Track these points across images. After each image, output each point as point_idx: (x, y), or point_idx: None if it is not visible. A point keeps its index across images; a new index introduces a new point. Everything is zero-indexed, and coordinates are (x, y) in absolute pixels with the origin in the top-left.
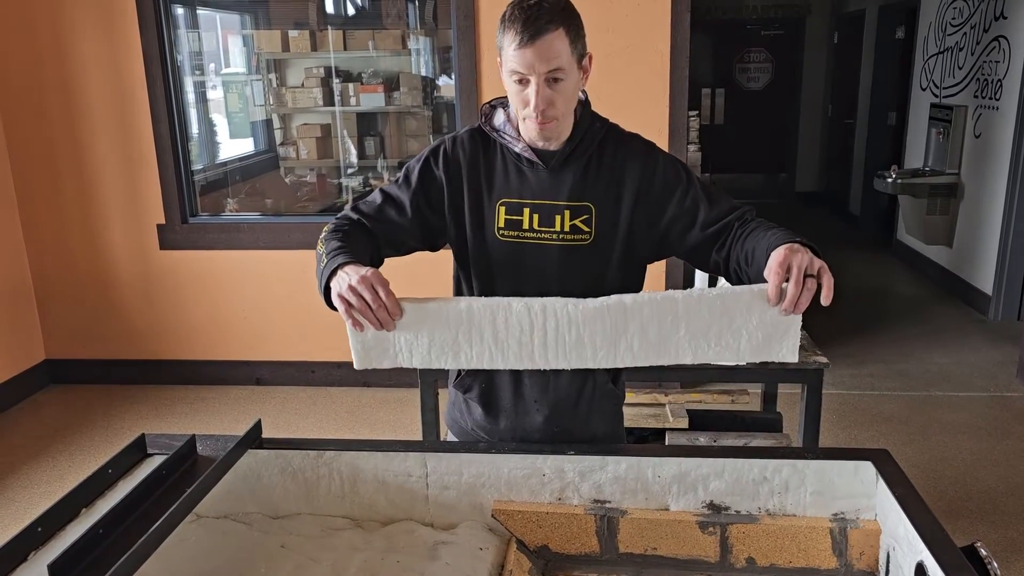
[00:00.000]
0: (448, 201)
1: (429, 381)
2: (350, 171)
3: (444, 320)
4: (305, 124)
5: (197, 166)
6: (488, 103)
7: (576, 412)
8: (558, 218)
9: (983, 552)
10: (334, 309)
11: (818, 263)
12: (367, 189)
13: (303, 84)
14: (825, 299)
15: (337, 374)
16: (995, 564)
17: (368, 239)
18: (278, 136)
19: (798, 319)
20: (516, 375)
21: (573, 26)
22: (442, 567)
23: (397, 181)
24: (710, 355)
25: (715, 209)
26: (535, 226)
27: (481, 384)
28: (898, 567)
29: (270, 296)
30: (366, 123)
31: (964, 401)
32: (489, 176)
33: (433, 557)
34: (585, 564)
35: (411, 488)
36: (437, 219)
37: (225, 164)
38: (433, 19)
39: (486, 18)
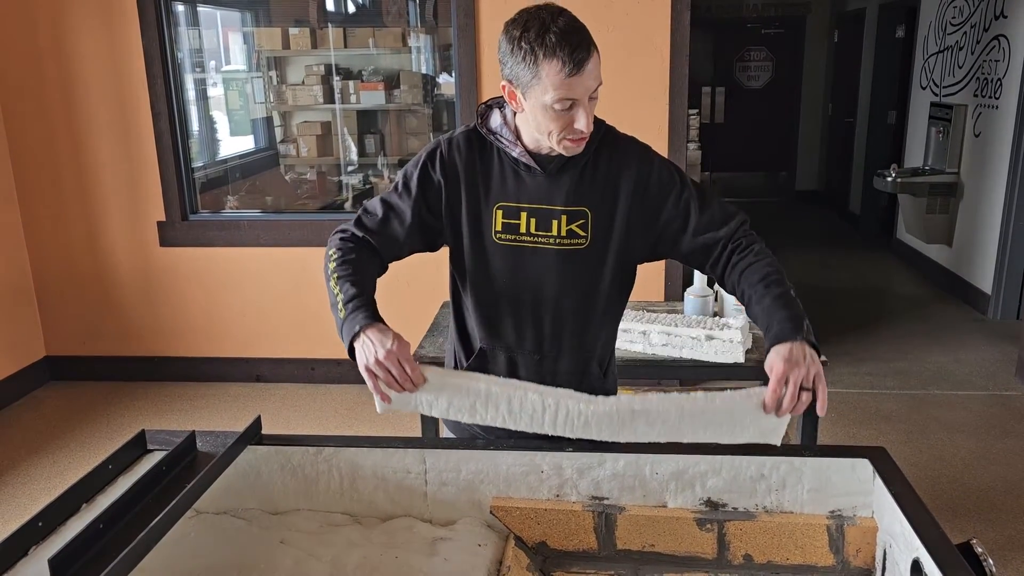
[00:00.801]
0: (445, 204)
1: None
2: (350, 169)
3: (463, 391)
4: (305, 122)
5: (197, 163)
6: (484, 103)
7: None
8: (555, 223)
9: (979, 549)
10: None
11: (814, 371)
12: (367, 187)
13: (303, 82)
14: (820, 410)
15: (337, 371)
16: (991, 561)
17: (373, 260)
18: (278, 134)
19: (787, 419)
20: (514, 375)
21: (592, 38)
22: (441, 563)
23: (397, 189)
24: (706, 439)
25: (706, 214)
26: (532, 230)
27: None
28: (894, 564)
29: (270, 293)
30: (366, 121)
31: (963, 400)
32: (486, 179)
33: (432, 553)
34: (583, 561)
35: (410, 484)
36: (437, 223)
37: (225, 161)
38: (433, 17)
39: (486, 16)
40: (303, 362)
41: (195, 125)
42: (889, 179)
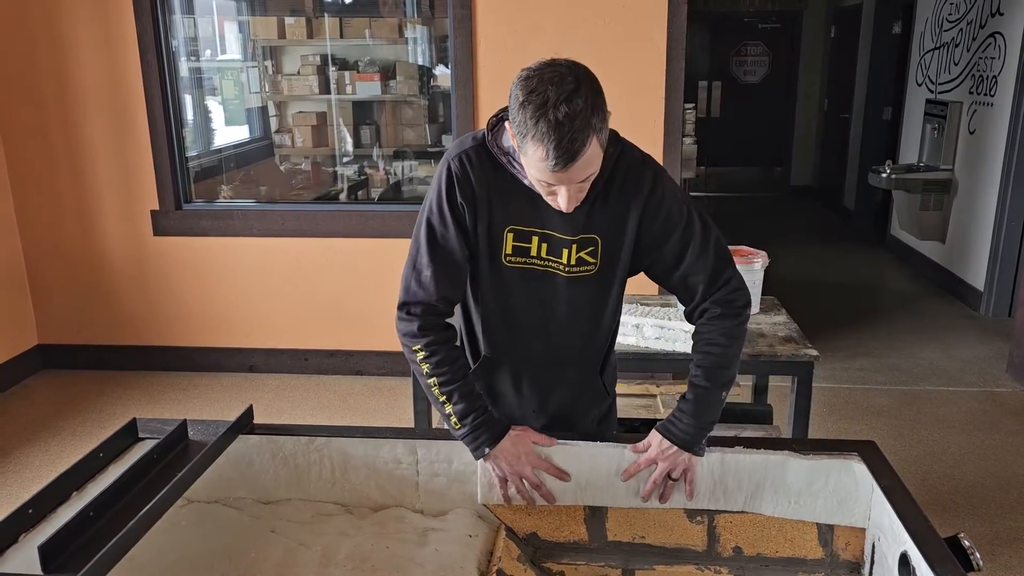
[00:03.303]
0: (469, 224)
1: None
2: (345, 160)
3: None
4: (300, 112)
5: (192, 152)
6: (496, 116)
7: (572, 420)
8: (566, 251)
9: (966, 543)
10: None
11: (683, 467)
12: (362, 178)
13: (299, 72)
14: (687, 494)
15: (330, 362)
16: (978, 555)
17: (453, 335)
18: (273, 124)
19: (872, 489)
20: (517, 388)
21: (600, 123)
22: (432, 553)
23: (433, 229)
24: (789, 512)
25: (701, 261)
26: (543, 254)
27: (482, 389)
28: (883, 557)
29: (263, 283)
30: (362, 112)
31: (954, 396)
32: (500, 199)
33: (423, 543)
34: (573, 552)
35: (401, 475)
36: (474, 245)
37: (220, 151)
38: (430, 8)
39: (483, 7)
40: (296, 352)
41: (189, 114)
42: (884, 175)
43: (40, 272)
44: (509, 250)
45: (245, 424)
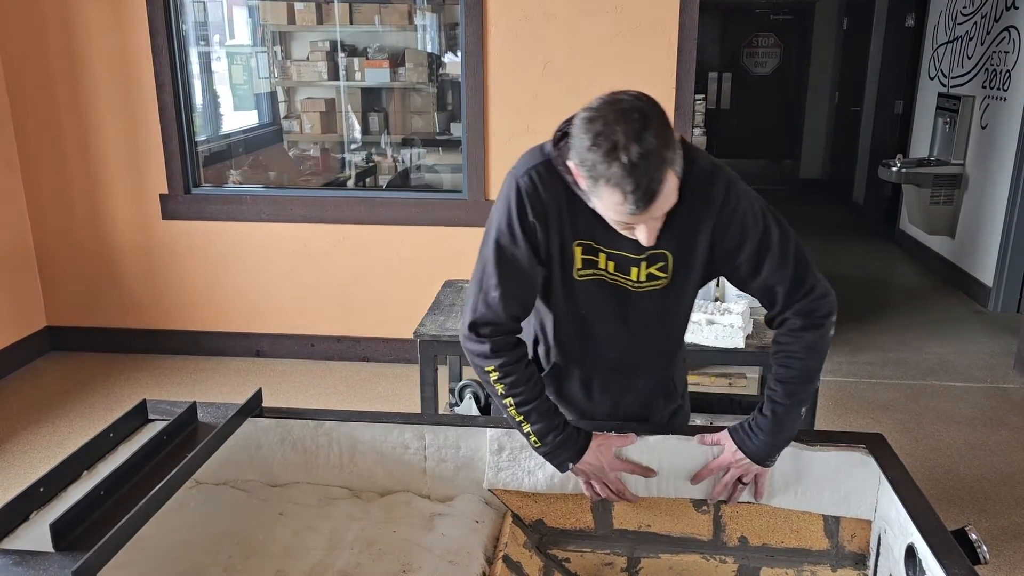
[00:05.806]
0: (541, 242)
1: (428, 356)
2: (353, 146)
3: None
4: (309, 98)
5: (201, 137)
6: (560, 129)
7: (643, 419)
8: (635, 270)
9: (973, 536)
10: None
11: (754, 471)
12: (370, 165)
13: (308, 57)
14: (756, 495)
15: (336, 348)
16: (985, 548)
17: (525, 352)
18: (282, 109)
19: (879, 482)
20: (587, 393)
21: (673, 154)
22: (438, 538)
23: (505, 254)
24: (795, 503)
25: (779, 273)
26: (610, 270)
27: (552, 394)
28: (888, 549)
29: (271, 269)
30: (371, 99)
31: (961, 391)
32: (569, 215)
33: (429, 528)
34: (579, 539)
35: (409, 460)
36: (545, 264)
37: (229, 136)
38: None
39: None
40: (303, 338)
41: (199, 98)
42: (894, 169)
43: (49, 254)
44: (579, 264)
45: (254, 407)
